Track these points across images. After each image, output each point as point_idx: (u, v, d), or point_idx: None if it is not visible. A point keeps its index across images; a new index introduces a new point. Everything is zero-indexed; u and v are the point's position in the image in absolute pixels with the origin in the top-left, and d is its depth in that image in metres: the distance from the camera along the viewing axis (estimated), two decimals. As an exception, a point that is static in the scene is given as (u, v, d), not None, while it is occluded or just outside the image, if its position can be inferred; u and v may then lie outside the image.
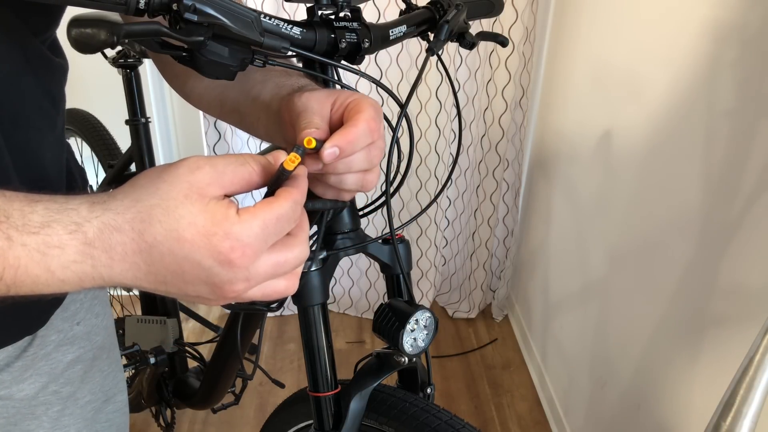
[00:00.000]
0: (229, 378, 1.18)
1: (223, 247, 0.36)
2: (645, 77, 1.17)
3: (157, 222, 0.36)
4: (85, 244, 0.35)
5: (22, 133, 0.48)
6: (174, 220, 0.36)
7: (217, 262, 0.36)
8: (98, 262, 0.35)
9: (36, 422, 0.55)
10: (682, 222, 1.01)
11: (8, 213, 0.34)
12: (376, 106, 0.48)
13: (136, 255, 0.36)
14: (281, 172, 0.39)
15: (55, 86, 0.53)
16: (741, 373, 0.54)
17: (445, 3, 0.67)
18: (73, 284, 0.36)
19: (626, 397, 1.22)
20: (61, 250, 0.34)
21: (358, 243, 0.67)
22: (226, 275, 0.37)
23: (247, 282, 0.38)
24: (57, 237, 0.34)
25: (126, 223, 0.36)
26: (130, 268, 0.36)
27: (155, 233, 0.36)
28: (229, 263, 0.36)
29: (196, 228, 0.36)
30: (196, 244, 0.36)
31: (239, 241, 0.36)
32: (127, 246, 0.36)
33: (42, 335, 0.54)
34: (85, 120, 1.50)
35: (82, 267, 0.35)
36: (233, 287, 0.37)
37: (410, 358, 0.70)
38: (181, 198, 0.36)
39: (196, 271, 0.36)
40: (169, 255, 0.36)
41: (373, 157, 0.48)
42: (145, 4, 0.40)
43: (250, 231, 0.36)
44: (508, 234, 2.10)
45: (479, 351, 2.01)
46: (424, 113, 1.87)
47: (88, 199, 0.36)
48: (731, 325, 0.88)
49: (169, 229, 0.36)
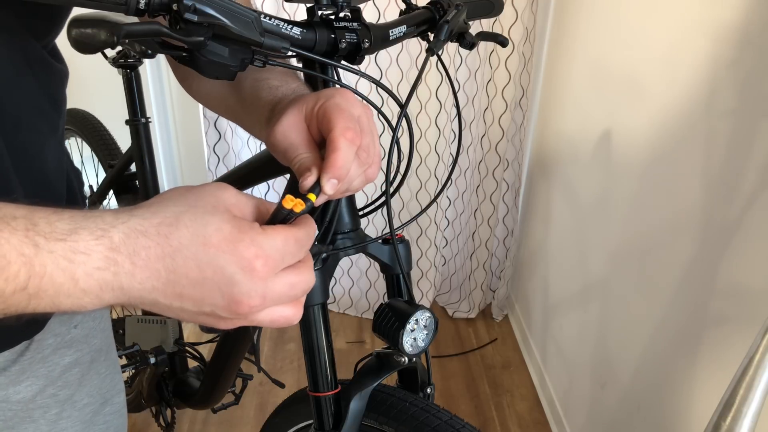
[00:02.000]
0: (229, 378, 1.18)
1: (248, 253, 0.36)
2: (645, 77, 1.17)
3: (184, 226, 0.36)
4: (110, 249, 0.35)
5: (24, 136, 0.48)
6: (201, 225, 0.36)
7: (240, 268, 0.36)
8: (121, 269, 0.35)
9: (33, 425, 0.55)
10: (682, 222, 1.01)
11: (34, 221, 0.34)
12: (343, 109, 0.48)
13: (159, 261, 0.36)
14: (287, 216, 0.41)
15: (56, 90, 0.53)
16: (741, 372, 0.54)
17: (445, 3, 0.67)
18: (92, 295, 0.35)
19: (626, 397, 1.22)
20: (87, 257, 0.34)
21: (358, 243, 0.67)
22: (246, 286, 0.37)
23: (263, 299, 0.38)
24: (84, 243, 0.34)
25: (152, 227, 0.36)
26: (151, 277, 0.36)
27: (181, 237, 0.36)
28: (252, 271, 0.36)
29: (223, 234, 0.36)
30: (221, 249, 0.36)
31: (263, 250, 0.37)
32: (151, 251, 0.36)
33: (39, 339, 0.54)
34: (85, 120, 1.50)
35: (105, 275, 0.35)
36: (249, 301, 0.37)
37: (410, 358, 0.70)
38: (209, 207, 0.37)
39: (218, 277, 0.36)
40: (193, 259, 0.36)
41: (366, 157, 0.49)
42: (145, 5, 0.40)
43: (273, 243, 0.37)
44: (508, 234, 2.10)
45: (479, 351, 2.01)
46: (424, 113, 1.87)
47: (113, 210, 0.37)
48: (731, 325, 0.88)
49: (196, 233, 0.36)
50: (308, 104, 0.49)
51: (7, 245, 0.33)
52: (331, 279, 0.68)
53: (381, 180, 0.58)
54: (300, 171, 0.47)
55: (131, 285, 0.36)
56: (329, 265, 0.67)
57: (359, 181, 0.50)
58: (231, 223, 0.37)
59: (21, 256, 0.33)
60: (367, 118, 0.50)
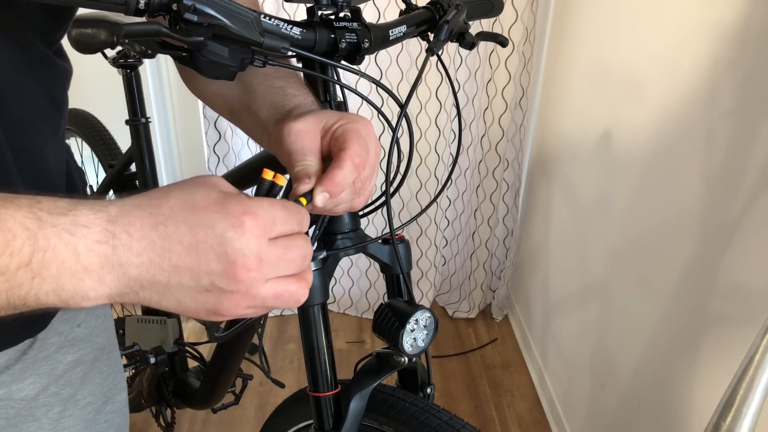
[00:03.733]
0: (229, 378, 1.18)
1: (235, 210, 0.38)
2: (645, 77, 1.17)
3: (174, 196, 0.39)
4: (108, 221, 0.37)
5: (26, 136, 0.48)
6: (189, 194, 0.39)
7: (231, 225, 0.38)
8: (118, 241, 0.36)
9: (36, 424, 0.55)
10: (682, 222, 1.01)
11: (38, 199, 0.36)
12: (360, 137, 0.50)
13: (152, 230, 0.37)
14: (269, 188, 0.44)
15: (58, 90, 0.53)
16: (741, 372, 0.54)
17: (445, 3, 0.67)
18: (94, 272, 0.36)
19: (626, 397, 1.22)
20: (87, 229, 0.36)
21: (358, 243, 0.67)
22: (238, 242, 0.37)
23: (258, 260, 0.38)
24: (84, 216, 0.36)
25: (144, 200, 0.38)
26: (147, 248, 0.37)
27: (171, 205, 0.38)
28: (242, 226, 0.38)
29: (210, 198, 0.39)
30: (209, 209, 0.38)
31: (251, 207, 0.39)
32: (144, 220, 0.37)
33: (42, 338, 0.54)
34: (85, 120, 1.50)
35: (104, 249, 0.36)
36: (245, 261, 0.38)
37: (410, 358, 0.70)
38: (197, 183, 0.40)
39: (210, 238, 0.37)
40: (184, 223, 0.38)
41: (360, 188, 0.51)
42: (145, 5, 0.40)
43: (260, 204, 0.39)
44: (508, 234, 2.10)
45: (479, 351, 2.01)
46: (424, 113, 1.87)
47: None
48: (731, 325, 0.88)
49: (185, 201, 0.38)
50: (330, 119, 0.51)
51: (12, 220, 0.34)
52: (331, 279, 0.68)
53: (381, 180, 0.58)
54: (299, 175, 0.48)
55: (129, 259, 0.37)
56: (329, 265, 0.67)
57: (344, 207, 0.52)
58: (218, 191, 0.39)
59: (26, 230, 0.34)
60: (376, 155, 0.52)
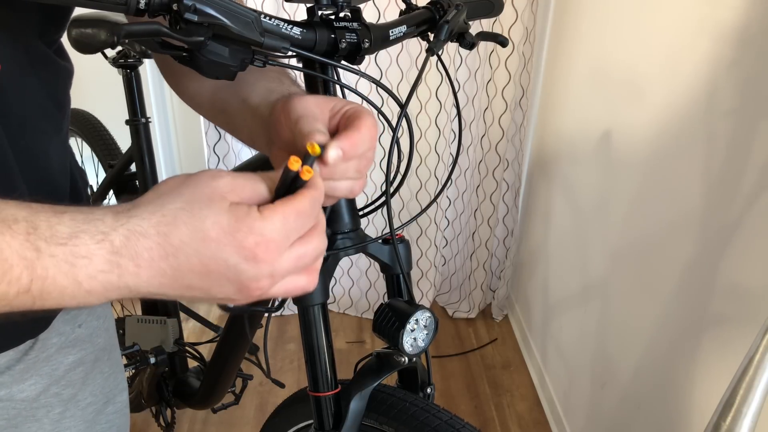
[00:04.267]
0: (229, 378, 1.18)
1: (248, 243, 0.37)
2: (645, 77, 1.17)
3: (182, 224, 0.36)
4: (112, 252, 0.35)
5: (28, 136, 0.48)
6: (199, 220, 0.36)
7: (243, 258, 0.37)
8: (125, 270, 0.36)
9: (37, 425, 0.55)
10: (682, 222, 1.01)
11: (35, 224, 0.34)
12: (372, 118, 0.49)
13: (162, 260, 0.36)
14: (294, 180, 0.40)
15: (60, 90, 0.53)
16: (741, 372, 0.54)
17: (445, 3, 0.67)
18: (98, 295, 0.36)
19: (626, 397, 1.22)
20: (88, 260, 0.35)
21: (358, 243, 0.67)
22: (252, 271, 0.37)
23: (272, 278, 0.38)
24: (85, 247, 0.35)
25: (151, 228, 0.36)
26: (156, 275, 0.36)
27: (181, 235, 0.36)
28: (255, 258, 0.37)
29: (221, 226, 0.36)
30: (221, 242, 0.36)
31: (263, 236, 0.37)
32: (153, 251, 0.36)
33: (43, 338, 0.54)
34: (85, 120, 1.50)
35: (109, 277, 0.35)
36: (258, 284, 0.38)
37: (410, 358, 0.70)
38: (205, 200, 0.37)
39: (223, 269, 0.37)
40: (195, 256, 0.36)
41: (363, 167, 0.49)
42: (145, 4, 0.40)
43: (272, 226, 0.37)
44: (508, 234, 2.10)
45: (479, 351, 2.01)
46: (424, 113, 1.87)
47: (112, 209, 0.37)
48: (731, 325, 0.88)
49: (195, 229, 0.36)
50: (338, 102, 0.50)
51: (8, 249, 0.33)
52: (331, 279, 0.68)
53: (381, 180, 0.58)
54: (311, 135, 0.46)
55: (137, 284, 0.36)
56: (329, 265, 0.67)
57: (344, 187, 0.49)
58: (227, 214, 0.37)
59: (23, 259, 0.33)
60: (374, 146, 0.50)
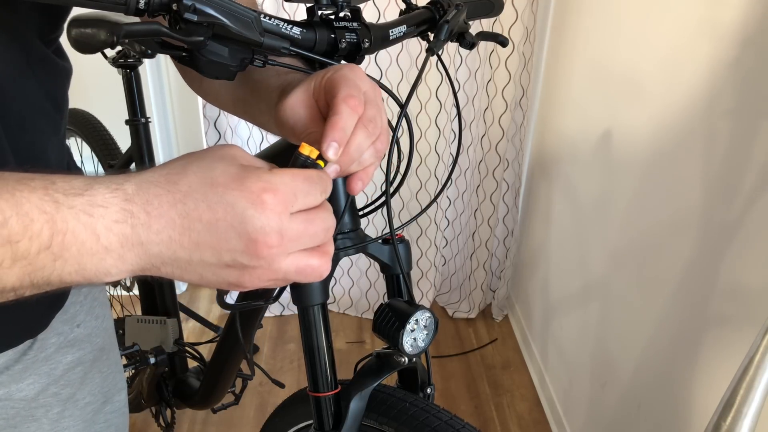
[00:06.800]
0: (229, 378, 1.18)
1: (256, 187, 0.37)
2: (645, 77, 1.17)
3: (191, 172, 0.38)
4: (125, 200, 0.36)
5: (27, 135, 0.48)
6: (208, 169, 0.38)
7: (250, 203, 0.37)
8: (137, 220, 0.36)
9: (36, 424, 0.55)
10: (683, 222, 1.01)
11: (53, 180, 0.35)
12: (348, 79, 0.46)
13: (171, 208, 0.37)
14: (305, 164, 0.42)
15: (58, 89, 0.53)
16: (741, 373, 0.54)
17: (445, 3, 0.67)
18: (115, 254, 0.36)
19: (626, 397, 1.22)
20: (105, 209, 0.35)
21: (358, 243, 0.67)
22: (259, 220, 0.37)
23: (280, 236, 0.38)
24: (101, 196, 0.36)
25: (161, 177, 0.38)
26: (166, 226, 0.37)
27: (189, 181, 0.37)
28: (262, 204, 0.37)
29: (229, 174, 0.38)
30: (229, 187, 0.37)
31: (271, 183, 0.37)
32: (162, 198, 0.37)
33: (42, 338, 0.54)
34: (85, 120, 1.50)
35: (123, 228, 0.36)
36: (266, 238, 0.37)
37: (410, 358, 0.70)
38: (216, 157, 0.39)
39: (230, 216, 0.37)
40: (203, 201, 0.37)
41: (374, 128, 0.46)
42: (145, 4, 0.40)
43: (281, 178, 0.38)
44: (508, 234, 2.10)
45: (479, 351, 2.01)
46: (424, 113, 1.87)
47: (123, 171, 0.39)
48: (731, 325, 0.88)
49: (203, 176, 0.37)
50: (316, 79, 0.48)
51: (28, 204, 0.33)
52: (331, 279, 0.68)
53: (381, 180, 0.58)
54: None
55: (149, 237, 0.37)
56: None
57: (370, 154, 0.47)
58: (237, 167, 0.38)
59: (43, 213, 0.34)
60: (374, 92, 0.48)
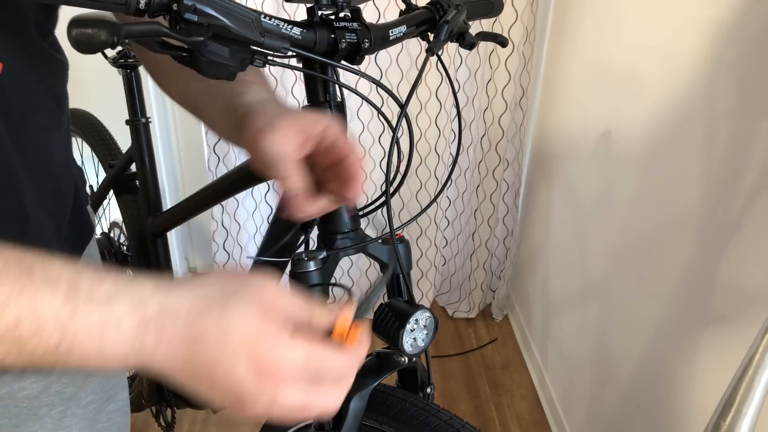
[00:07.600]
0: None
1: (263, 357, 0.36)
2: (645, 77, 1.17)
3: (211, 318, 0.36)
4: (141, 323, 0.36)
5: (29, 132, 0.48)
6: (228, 315, 0.36)
7: (252, 371, 0.36)
8: (146, 345, 0.36)
9: (39, 423, 0.55)
10: (682, 222, 1.01)
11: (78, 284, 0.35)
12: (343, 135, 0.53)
13: (181, 344, 0.36)
14: None
15: (58, 84, 0.54)
16: (741, 372, 0.54)
17: (444, 3, 0.67)
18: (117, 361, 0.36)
19: (626, 397, 1.22)
20: (117, 329, 0.35)
21: (358, 243, 0.67)
22: (253, 389, 0.37)
23: (269, 408, 0.37)
24: (119, 314, 0.36)
25: (183, 310, 0.37)
26: (172, 357, 0.37)
27: (208, 321, 0.36)
28: (262, 375, 0.36)
29: (245, 331, 0.36)
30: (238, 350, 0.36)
31: (279, 359, 0.36)
32: (177, 330, 0.36)
33: None
34: (86, 120, 1.50)
35: (131, 347, 0.36)
36: (254, 405, 0.37)
37: (410, 358, 0.70)
38: (244, 298, 0.37)
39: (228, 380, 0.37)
40: (211, 352, 0.36)
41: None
42: (146, 5, 0.40)
43: (294, 355, 0.37)
44: (508, 234, 2.10)
45: (479, 351, 2.01)
46: (424, 113, 1.87)
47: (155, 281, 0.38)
48: (731, 325, 0.88)
49: (221, 323, 0.36)
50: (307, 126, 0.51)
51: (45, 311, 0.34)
52: (331, 279, 0.68)
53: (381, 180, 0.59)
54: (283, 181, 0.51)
55: (152, 360, 0.37)
56: (329, 265, 0.67)
57: None
58: (258, 319, 0.36)
59: (58, 323, 0.34)
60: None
